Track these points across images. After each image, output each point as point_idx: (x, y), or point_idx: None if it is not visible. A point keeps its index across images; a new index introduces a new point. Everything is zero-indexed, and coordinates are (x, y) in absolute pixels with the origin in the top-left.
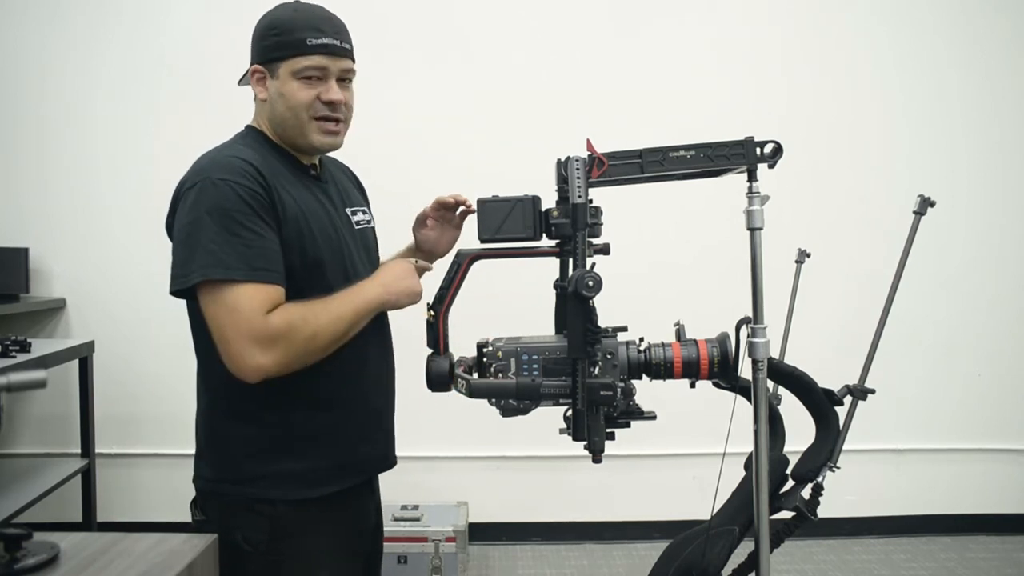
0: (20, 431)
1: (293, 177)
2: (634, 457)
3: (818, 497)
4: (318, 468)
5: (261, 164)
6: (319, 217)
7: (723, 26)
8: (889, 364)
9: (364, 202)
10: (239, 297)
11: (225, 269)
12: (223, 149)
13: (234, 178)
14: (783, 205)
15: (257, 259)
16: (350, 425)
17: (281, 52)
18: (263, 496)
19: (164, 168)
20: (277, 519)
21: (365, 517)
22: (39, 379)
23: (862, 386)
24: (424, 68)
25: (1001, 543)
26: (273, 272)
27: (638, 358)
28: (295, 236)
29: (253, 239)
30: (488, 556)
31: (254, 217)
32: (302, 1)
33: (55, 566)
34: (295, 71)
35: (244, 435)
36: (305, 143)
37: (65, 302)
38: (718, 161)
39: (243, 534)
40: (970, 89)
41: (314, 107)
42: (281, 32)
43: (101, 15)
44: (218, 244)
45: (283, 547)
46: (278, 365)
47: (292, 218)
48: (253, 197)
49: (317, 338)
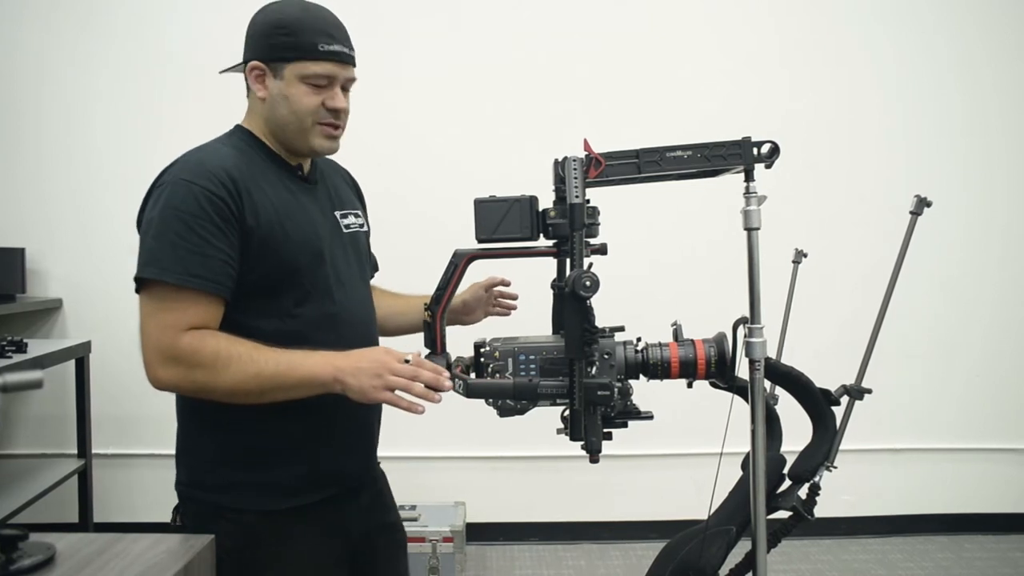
0: (16, 431)
1: (276, 179)
2: (631, 457)
3: (815, 497)
4: (291, 478)
5: (239, 168)
6: (299, 220)
7: (723, 26)
8: (886, 364)
9: (359, 206)
10: (163, 303)
11: (160, 270)
12: (204, 149)
13: (199, 182)
14: (780, 205)
15: (197, 266)
16: (328, 435)
17: (289, 53)
18: (233, 505)
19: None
20: (250, 527)
21: (347, 525)
22: (35, 379)
23: (859, 386)
24: (421, 67)
25: (997, 543)
26: (210, 281)
27: (635, 358)
28: (271, 239)
29: (199, 245)
30: (485, 556)
31: (207, 224)
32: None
33: (51, 567)
34: (303, 76)
35: (215, 443)
36: (305, 147)
37: (61, 302)
38: (715, 161)
39: (218, 540)
40: (968, 89)
41: (319, 113)
42: (290, 32)
43: (99, 15)
44: (161, 244)
45: (260, 555)
46: (173, 385)
47: (266, 222)
48: (212, 203)
49: (218, 381)
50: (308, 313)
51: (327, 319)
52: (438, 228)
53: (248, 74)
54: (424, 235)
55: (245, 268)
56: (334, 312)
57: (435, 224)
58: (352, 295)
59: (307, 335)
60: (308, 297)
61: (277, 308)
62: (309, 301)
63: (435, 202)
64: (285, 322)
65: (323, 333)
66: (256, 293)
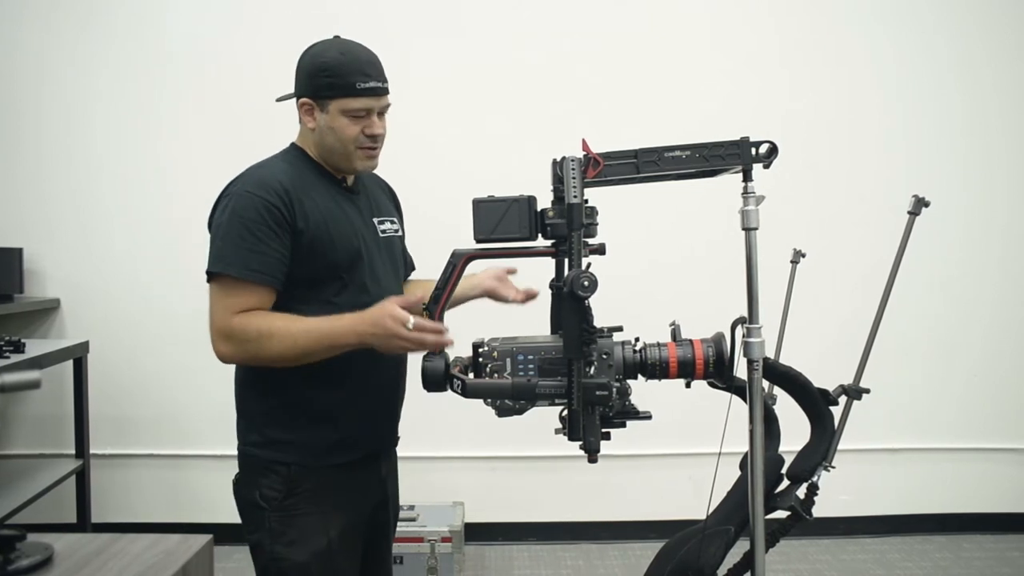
0: (14, 432)
1: (325, 191)
2: (630, 457)
3: (813, 496)
4: (328, 440)
5: (293, 180)
6: (342, 225)
7: (723, 26)
8: (884, 364)
9: (395, 213)
10: (223, 293)
11: (225, 265)
12: (264, 165)
13: (258, 192)
14: (779, 205)
15: (254, 262)
16: (358, 405)
17: (332, 92)
18: (280, 459)
19: (160, 169)
20: (291, 479)
21: (370, 488)
22: (33, 380)
23: (857, 386)
24: (421, 68)
25: (995, 542)
26: (266, 275)
27: (634, 358)
28: (317, 241)
29: (256, 245)
30: (484, 556)
31: (265, 228)
32: (344, 40)
33: (49, 567)
34: (345, 110)
35: (267, 406)
36: (349, 168)
37: (59, 302)
38: (713, 161)
39: (261, 492)
40: (968, 89)
41: (359, 139)
42: (332, 75)
43: (99, 15)
44: (226, 244)
45: (295, 502)
46: (231, 357)
47: (314, 226)
48: (269, 211)
49: (264, 351)
50: (345, 303)
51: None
52: (438, 228)
53: (299, 108)
54: (424, 235)
55: (295, 263)
56: (368, 303)
57: (435, 224)
58: (385, 289)
59: None
60: (345, 289)
61: (318, 297)
62: (346, 292)
63: (435, 202)
64: (325, 308)
65: None
66: (303, 284)
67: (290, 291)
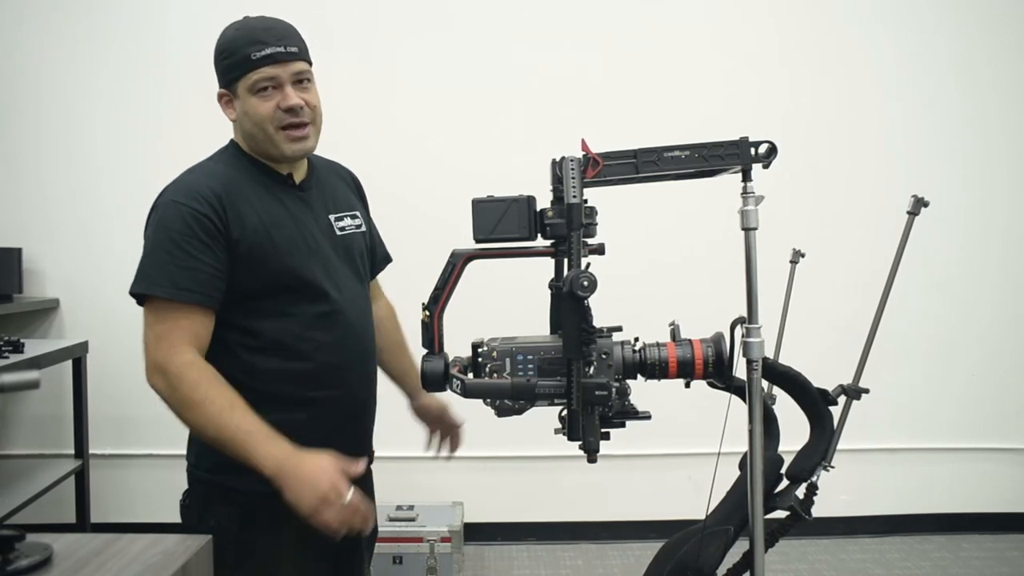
0: (13, 432)
1: (265, 192)
2: (629, 457)
3: (812, 496)
4: None
5: (226, 184)
6: (286, 228)
7: (723, 26)
8: (883, 364)
9: (358, 206)
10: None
11: (150, 284)
12: (194, 170)
13: (185, 201)
14: (778, 205)
15: (184, 280)
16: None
17: (234, 73)
18: (232, 486)
19: (159, 169)
20: (247, 509)
21: None
22: (32, 380)
23: (856, 386)
24: (421, 68)
25: (994, 542)
26: (196, 293)
27: (633, 358)
28: (257, 248)
29: (185, 260)
30: (483, 556)
31: (195, 241)
32: (248, 16)
33: (48, 567)
34: (249, 87)
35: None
36: (277, 153)
37: (59, 302)
38: (713, 161)
39: (216, 521)
40: (968, 89)
41: (276, 117)
42: (229, 54)
43: (99, 15)
44: (152, 262)
45: (252, 536)
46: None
47: (253, 232)
48: (199, 221)
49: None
50: (302, 313)
51: (322, 317)
52: (437, 228)
53: (221, 104)
54: (424, 235)
55: (237, 276)
56: (328, 311)
57: (434, 224)
58: (346, 294)
59: (303, 333)
60: (300, 298)
61: (272, 309)
62: (302, 302)
63: (434, 202)
64: (281, 321)
65: (319, 331)
66: (251, 296)
67: (240, 305)
